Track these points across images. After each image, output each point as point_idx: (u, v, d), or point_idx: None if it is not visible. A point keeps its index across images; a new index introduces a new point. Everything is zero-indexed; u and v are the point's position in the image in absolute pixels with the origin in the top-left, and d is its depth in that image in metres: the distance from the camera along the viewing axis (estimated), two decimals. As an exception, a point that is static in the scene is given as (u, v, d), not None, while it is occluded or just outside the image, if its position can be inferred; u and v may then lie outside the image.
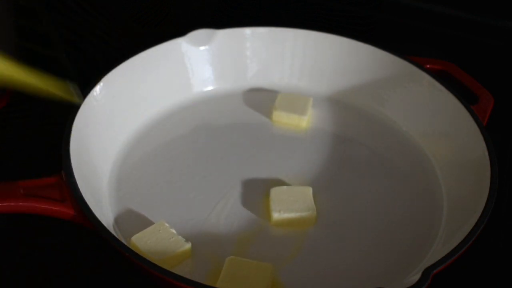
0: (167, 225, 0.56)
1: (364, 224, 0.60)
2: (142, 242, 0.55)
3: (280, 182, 0.63)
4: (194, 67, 0.72)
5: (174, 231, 0.56)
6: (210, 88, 0.73)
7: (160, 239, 0.55)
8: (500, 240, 0.61)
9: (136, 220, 0.59)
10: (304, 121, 0.69)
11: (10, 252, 0.58)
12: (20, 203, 0.53)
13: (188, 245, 0.55)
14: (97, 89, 0.64)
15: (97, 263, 0.57)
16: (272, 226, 0.59)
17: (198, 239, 0.57)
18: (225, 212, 0.60)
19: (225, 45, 0.73)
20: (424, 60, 0.70)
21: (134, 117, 0.68)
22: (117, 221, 0.59)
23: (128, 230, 0.57)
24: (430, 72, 0.68)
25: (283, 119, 0.70)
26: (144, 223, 0.58)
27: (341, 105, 0.73)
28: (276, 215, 0.58)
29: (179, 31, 0.71)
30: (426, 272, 0.49)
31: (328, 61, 0.73)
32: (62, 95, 0.60)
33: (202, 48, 0.72)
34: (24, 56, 0.74)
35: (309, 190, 0.60)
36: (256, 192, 0.62)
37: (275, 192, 0.60)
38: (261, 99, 0.72)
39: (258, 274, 0.53)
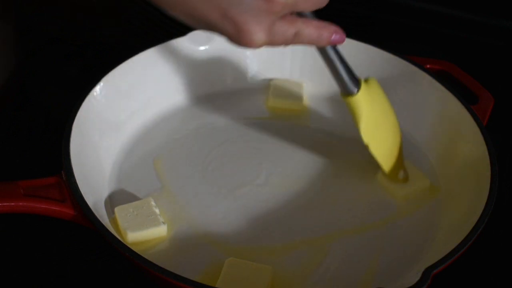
0: (153, 203, 0.57)
1: (364, 224, 0.60)
2: (123, 213, 0.56)
3: (279, 182, 0.63)
4: (194, 67, 0.72)
5: (157, 210, 0.57)
6: (210, 87, 0.73)
7: (140, 215, 0.56)
8: (500, 240, 0.61)
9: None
10: (300, 105, 0.71)
11: (10, 252, 0.58)
12: (20, 203, 0.53)
13: (163, 227, 0.56)
14: (97, 89, 0.64)
15: (97, 263, 0.57)
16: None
17: (197, 240, 0.57)
18: (224, 213, 0.60)
19: (225, 45, 0.72)
20: (424, 60, 0.70)
21: (134, 117, 0.68)
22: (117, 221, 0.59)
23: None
24: (430, 72, 0.68)
25: (280, 105, 0.71)
26: (144, 223, 0.58)
27: (341, 105, 0.72)
28: None
29: (179, 31, 0.71)
30: (426, 272, 0.49)
31: (328, 61, 0.73)
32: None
33: (202, 48, 0.72)
34: (24, 55, 0.75)
35: None
36: (256, 192, 0.62)
37: None
38: (261, 99, 0.72)
39: (258, 276, 0.53)
